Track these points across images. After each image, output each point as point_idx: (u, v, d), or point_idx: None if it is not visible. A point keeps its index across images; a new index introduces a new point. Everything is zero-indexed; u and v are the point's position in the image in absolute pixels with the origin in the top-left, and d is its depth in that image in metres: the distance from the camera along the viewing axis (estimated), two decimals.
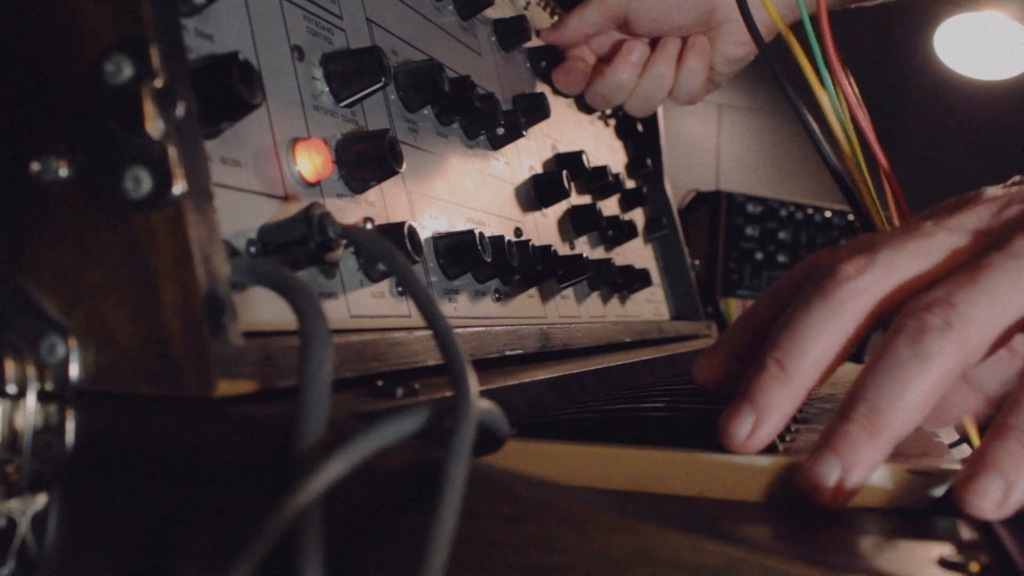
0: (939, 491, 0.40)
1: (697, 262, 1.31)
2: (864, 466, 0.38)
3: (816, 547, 0.34)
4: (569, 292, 0.83)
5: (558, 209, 0.87)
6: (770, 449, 0.50)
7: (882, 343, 0.40)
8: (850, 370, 1.15)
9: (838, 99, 0.60)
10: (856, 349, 0.44)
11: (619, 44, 0.90)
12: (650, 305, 1.11)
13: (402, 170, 0.53)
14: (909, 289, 0.43)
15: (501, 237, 0.65)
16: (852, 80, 0.61)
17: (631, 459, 0.43)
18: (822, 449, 0.39)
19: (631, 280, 0.99)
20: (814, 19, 0.61)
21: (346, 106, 0.54)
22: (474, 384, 0.33)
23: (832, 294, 0.42)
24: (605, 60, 0.91)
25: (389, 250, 0.40)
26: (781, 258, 1.91)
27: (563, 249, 0.86)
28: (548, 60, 0.91)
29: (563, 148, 0.93)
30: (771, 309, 0.48)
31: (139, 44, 0.34)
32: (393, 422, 0.31)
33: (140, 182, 0.34)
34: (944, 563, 0.32)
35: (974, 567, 0.30)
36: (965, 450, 0.60)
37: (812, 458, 0.39)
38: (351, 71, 0.53)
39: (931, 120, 3.04)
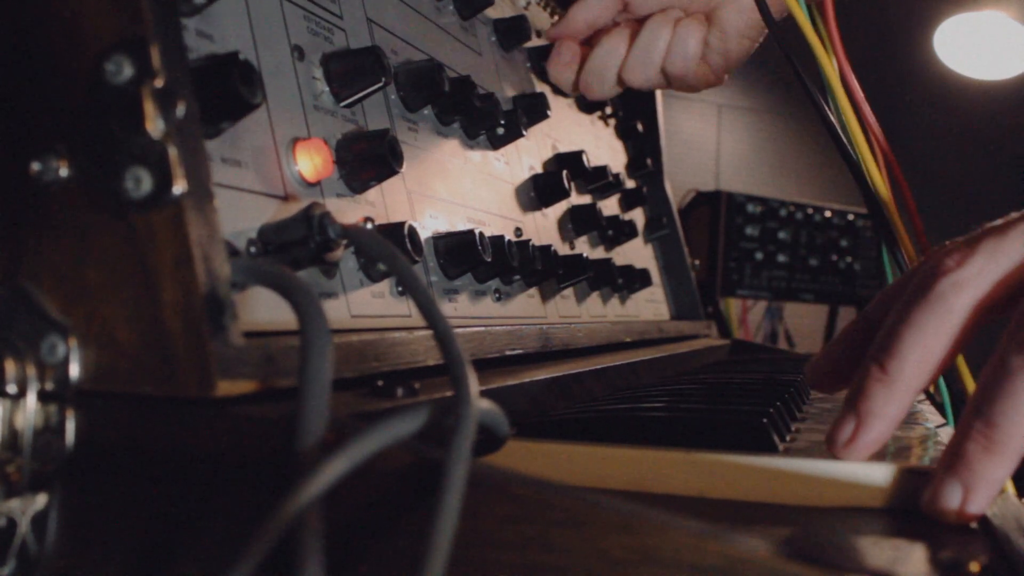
0: None
1: (697, 262, 1.32)
2: (987, 483, 0.37)
3: (815, 547, 0.34)
4: (569, 292, 0.83)
5: (558, 209, 0.87)
6: (769, 448, 0.50)
7: (994, 355, 0.39)
8: None
9: (841, 83, 0.61)
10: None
11: None
12: (650, 305, 1.11)
13: (402, 170, 0.53)
14: (1019, 277, 0.41)
15: (501, 237, 0.65)
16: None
17: (631, 459, 0.43)
18: (943, 471, 0.38)
19: (631, 280, 0.99)
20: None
21: (346, 106, 0.54)
22: (474, 384, 0.33)
23: (932, 290, 0.41)
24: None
25: (389, 250, 0.40)
26: (781, 258, 1.91)
27: (563, 249, 0.86)
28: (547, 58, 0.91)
29: (563, 148, 0.93)
30: (880, 310, 0.46)
31: (139, 44, 0.34)
32: (393, 422, 0.31)
33: (140, 182, 0.34)
34: (944, 563, 0.32)
35: (974, 567, 0.30)
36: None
37: (934, 481, 0.38)
38: (351, 71, 0.53)
39: (931, 120, 3.04)
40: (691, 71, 0.84)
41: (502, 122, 0.73)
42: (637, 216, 1.15)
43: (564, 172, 0.82)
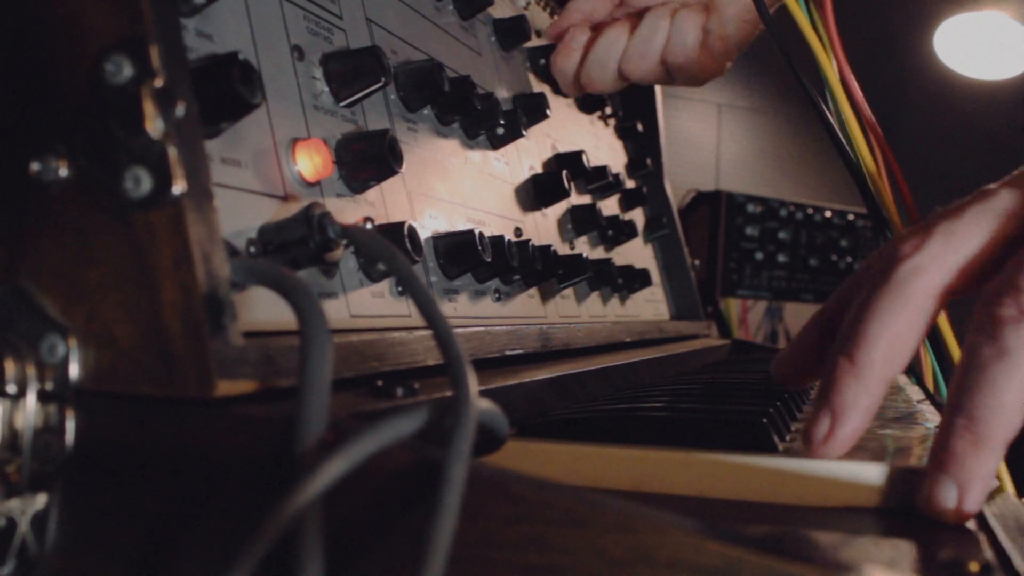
0: None
1: (697, 262, 1.32)
2: (979, 479, 0.37)
3: (815, 547, 0.34)
4: (569, 292, 0.83)
5: (558, 209, 0.87)
6: (769, 448, 0.50)
7: (964, 347, 0.39)
8: None
9: (839, 81, 0.61)
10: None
11: None
12: (650, 305, 1.11)
13: (402, 170, 0.53)
14: (980, 259, 0.41)
15: (501, 237, 0.65)
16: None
17: (631, 459, 0.43)
18: (934, 471, 0.38)
19: (631, 280, 0.99)
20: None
21: (346, 106, 0.54)
22: (474, 384, 0.33)
23: (892, 276, 0.41)
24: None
25: (389, 250, 0.40)
26: (781, 258, 1.91)
27: (563, 249, 0.86)
28: (548, 57, 0.91)
29: (563, 148, 0.93)
30: (840, 302, 0.47)
31: (139, 44, 0.34)
32: (393, 422, 0.31)
33: (140, 182, 0.34)
34: (943, 562, 0.32)
35: (973, 566, 0.30)
36: None
37: (927, 482, 0.38)
38: (351, 71, 0.53)
39: (931, 120, 3.04)
40: (692, 60, 0.83)
41: (502, 122, 0.73)
42: (637, 216, 1.15)
43: (564, 172, 0.82)
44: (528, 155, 0.84)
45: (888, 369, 0.41)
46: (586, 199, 0.96)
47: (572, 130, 0.99)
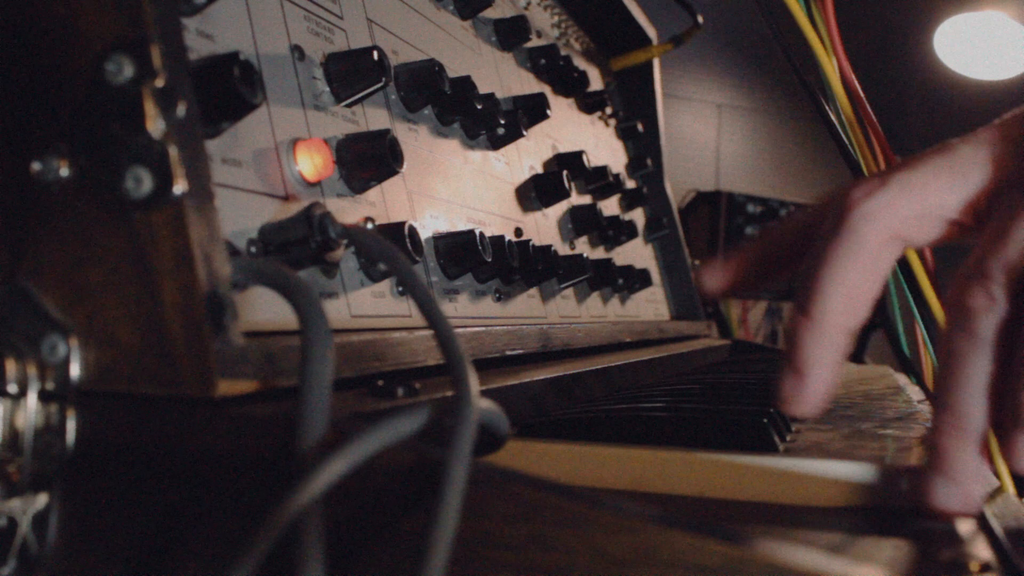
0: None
1: (697, 262, 1.32)
2: (972, 474, 0.37)
3: (815, 547, 0.34)
4: (569, 292, 0.83)
5: (558, 209, 0.87)
6: (770, 448, 0.50)
7: (941, 342, 0.39)
8: (853, 370, 1.15)
9: (838, 74, 0.61)
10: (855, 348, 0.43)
11: None
12: (650, 305, 1.11)
13: (402, 170, 0.53)
14: (934, 211, 0.40)
15: (501, 237, 0.65)
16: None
17: (631, 459, 0.43)
18: (931, 472, 0.38)
19: (631, 280, 0.99)
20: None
21: (347, 106, 0.54)
22: (475, 384, 0.33)
23: (843, 225, 0.40)
24: None
25: (390, 250, 0.40)
26: None
27: (563, 249, 0.86)
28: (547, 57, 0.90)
29: (563, 148, 0.93)
30: (790, 229, 0.46)
31: (140, 44, 0.34)
32: (394, 422, 0.31)
33: (141, 182, 0.34)
34: (944, 562, 0.32)
35: (973, 566, 0.30)
36: None
37: (924, 481, 0.38)
38: (352, 71, 0.53)
39: (931, 120, 3.04)
40: None
41: (502, 122, 0.73)
42: (637, 216, 1.15)
43: (564, 172, 0.82)
44: (528, 155, 0.84)
45: (846, 318, 0.40)
46: (586, 199, 0.96)
47: (572, 130, 0.99)
